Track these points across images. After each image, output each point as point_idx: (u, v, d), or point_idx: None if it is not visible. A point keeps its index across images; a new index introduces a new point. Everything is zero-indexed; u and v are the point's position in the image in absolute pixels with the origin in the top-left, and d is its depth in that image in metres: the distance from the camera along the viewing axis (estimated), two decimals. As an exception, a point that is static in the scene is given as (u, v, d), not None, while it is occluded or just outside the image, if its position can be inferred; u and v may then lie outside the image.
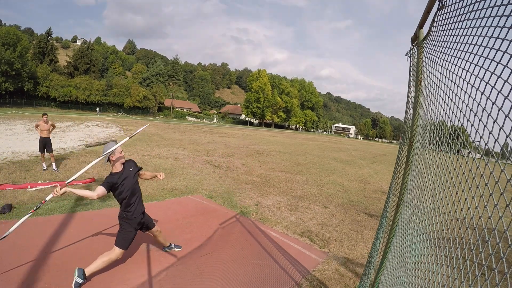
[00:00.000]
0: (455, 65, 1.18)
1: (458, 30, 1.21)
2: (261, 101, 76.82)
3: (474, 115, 0.95)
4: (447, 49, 1.33)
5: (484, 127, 0.88)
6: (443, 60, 1.39)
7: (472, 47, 1.03)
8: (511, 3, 0.83)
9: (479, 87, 0.94)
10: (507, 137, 0.75)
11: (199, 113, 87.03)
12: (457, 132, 1.22)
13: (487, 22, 0.93)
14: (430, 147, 1.67)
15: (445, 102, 1.31)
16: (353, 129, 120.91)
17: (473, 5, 1.07)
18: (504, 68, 0.80)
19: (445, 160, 1.32)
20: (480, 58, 0.96)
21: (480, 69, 0.95)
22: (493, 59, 0.86)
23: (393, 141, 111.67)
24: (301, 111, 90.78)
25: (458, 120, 1.10)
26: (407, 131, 2.42)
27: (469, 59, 1.04)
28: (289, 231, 5.15)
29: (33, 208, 3.02)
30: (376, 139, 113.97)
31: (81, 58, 55.53)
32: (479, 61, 0.96)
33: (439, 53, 1.49)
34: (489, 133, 0.85)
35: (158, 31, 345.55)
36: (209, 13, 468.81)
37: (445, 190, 1.26)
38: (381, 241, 2.77)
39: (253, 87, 77.72)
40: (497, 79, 0.83)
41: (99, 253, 3.57)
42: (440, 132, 1.46)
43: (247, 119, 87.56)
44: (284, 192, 8.16)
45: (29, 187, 5.86)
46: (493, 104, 0.84)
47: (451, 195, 1.18)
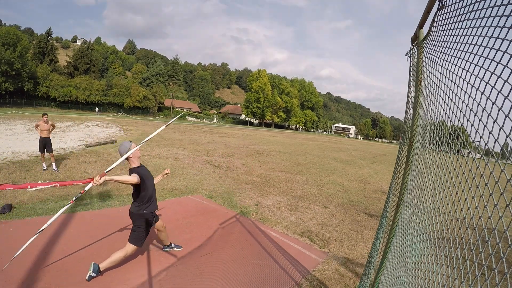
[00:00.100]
0: (455, 65, 1.18)
1: (458, 30, 1.21)
2: (261, 101, 76.81)
3: (474, 115, 0.95)
4: (447, 49, 1.33)
5: (484, 127, 0.88)
6: (443, 60, 1.39)
7: (472, 47, 1.04)
8: (511, 3, 0.83)
9: (479, 87, 0.94)
10: (507, 137, 0.75)
11: (199, 113, 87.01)
12: (457, 132, 1.22)
13: (487, 22, 0.93)
14: (430, 147, 1.67)
15: (445, 102, 1.31)
16: (353, 129, 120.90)
17: (473, 5, 1.07)
18: (504, 68, 0.80)
19: (445, 160, 1.32)
20: (480, 58, 0.96)
21: (480, 69, 0.95)
22: (493, 59, 0.86)
23: (393, 141, 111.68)
24: (301, 111, 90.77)
25: (458, 120, 1.10)
26: (407, 131, 2.42)
27: (469, 59, 1.04)
28: (289, 231, 5.15)
29: (72, 199, 3.10)
30: (376, 139, 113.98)
31: (81, 58, 55.56)
32: (479, 61, 0.96)
33: (439, 53, 1.49)
34: (489, 133, 0.85)
35: (158, 31, 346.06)
36: (209, 13, 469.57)
37: (445, 190, 1.26)
38: (381, 241, 2.77)
39: (253, 87, 77.71)
40: (497, 79, 0.83)
41: (99, 253, 3.58)
42: (440, 132, 1.46)
43: (247, 119, 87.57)
44: (284, 192, 8.16)
45: (29, 187, 5.86)
46: (493, 104, 0.84)
47: (451, 195, 1.18)
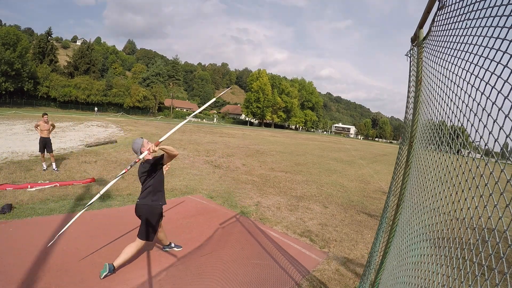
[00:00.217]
0: (455, 65, 1.18)
1: (458, 30, 1.21)
2: (261, 101, 76.81)
3: (474, 115, 0.95)
4: (447, 49, 1.33)
5: (484, 127, 0.88)
6: (443, 60, 1.39)
7: (472, 47, 1.03)
8: (511, 3, 0.83)
9: (479, 87, 0.94)
10: (507, 137, 0.75)
11: (199, 113, 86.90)
12: (457, 132, 1.22)
13: (487, 22, 0.93)
14: (430, 147, 1.67)
15: (445, 102, 1.31)
16: (353, 129, 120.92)
17: (473, 5, 1.07)
18: (504, 68, 0.80)
19: (445, 160, 1.32)
20: (480, 58, 0.96)
21: (480, 69, 0.95)
22: (493, 59, 0.86)
23: (393, 141, 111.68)
24: (301, 111, 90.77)
25: (458, 120, 1.10)
26: (407, 131, 2.42)
27: (469, 59, 1.04)
28: (289, 231, 5.15)
29: (127, 167, 3.19)
30: (376, 139, 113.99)
31: (81, 58, 55.59)
32: (479, 61, 0.96)
33: (439, 53, 1.49)
34: (489, 133, 0.85)
35: (158, 31, 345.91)
36: (209, 13, 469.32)
37: (445, 190, 1.26)
38: (381, 241, 2.77)
39: (253, 87, 77.70)
40: (497, 79, 0.83)
41: (99, 253, 3.58)
42: (440, 132, 1.46)
43: (247, 119, 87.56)
44: (284, 192, 8.16)
45: (29, 187, 5.86)
46: (493, 104, 0.84)
47: (451, 195, 1.18)
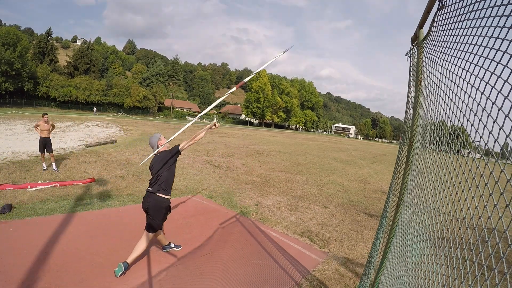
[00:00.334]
0: (455, 65, 1.18)
1: (458, 30, 1.21)
2: (261, 101, 76.80)
3: (474, 115, 0.95)
4: (447, 49, 1.33)
5: (484, 127, 0.88)
6: (443, 60, 1.39)
7: (472, 47, 1.03)
8: (511, 3, 0.83)
9: (479, 87, 0.94)
10: (507, 137, 0.75)
11: (199, 113, 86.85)
12: (457, 132, 1.22)
13: (487, 22, 0.93)
14: (430, 147, 1.67)
15: (445, 102, 1.31)
16: (353, 129, 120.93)
17: (473, 5, 1.07)
18: (504, 68, 0.80)
19: (445, 160, 1.32)
20: (480, 58, 0.96)
21: (480, 69, 0.95)
22: (493, 59, 0.86)
23: (393, 141, 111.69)
24: (301, 111, 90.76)
25: (458, 120, 1.10)
26: (407, 131, 2.42)
27: (469, 59, 1.04)
28: (289, 231, 5.15)
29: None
30: (376, 139, 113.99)
31: (81, 58, 55.58)
32: (479, 61, 0.96)
33: (439, 53, 1.49)
34: (489, 133, 0.85)
35: (158, 31, 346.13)
36: (209, 13, 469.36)
37: (445, 190, 1.26)
38: (381, 241, 2.77)
39: (253, 87, 77.67)
40: (497, 79, 0.83)
41: (99, 253, 3.58)
42: (440, 132, 1.46)
43: (247, 119, 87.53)
44: (284, 192, 8.16)
45: (29, 187, 5.86)
46: (493, 104, 0.84)
47: (451, 195, 1.18)
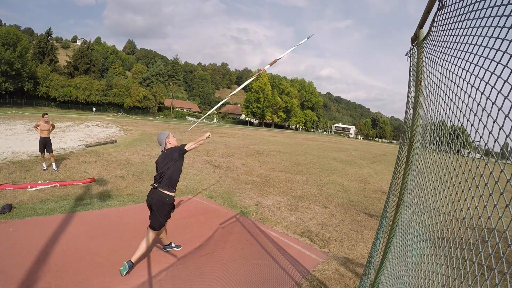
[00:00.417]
0: (455, 65, 1.17)
1: (458, 30, 1.21)
2: (261, 101, 76.77)
3: (474, 115, 0.95)
4: (447, 49, 1.33)
5: (484, 127, 0.88)
6: (443, 60, 1.39)
7: (472, 47, 1.03)
8: (511, 3, 0.83)
9: (479, 87, 0.94)
10: (507, 137, 0.75)
11: (199, 113, 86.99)
12: (457, 132, 1.22)
13: (487, 22, 0.93)
14: (430, 147, 1.67)
15: (445, 102, 1.31)
16: (353, 129, 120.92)
17: (473, 5, 1.07)
18: (504, 68, 0.80)
19: (445, 160, 1.32)
20: (480, 58, 0.96)
21: (480, 69, 0.95)
22: (493, 59, 0.86)
23: (393, 141, 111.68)
24: (301, 111, 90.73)
25: (458, 120, 1.10)
26: (407, 131, 2.42)
27: (469, 59, 1.04)
28: (289, 231, 5.15)
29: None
30: (376, 139, 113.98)
31: (81, 58, 55.57)
32: (479, 61, 0.96)
33: (439, 53, 1.49)
34: (489, 133, 0.85)
35: (158, 31, 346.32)
36: (209, 13, 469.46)
37: (445, 190, 1.26)
38: (381, 241, 2.77)
39: (253, 87, 77.65)
40: (497, 79, 0.83)
41: (99, 253, 3.58)
42: (440, 132, 1.46)
43: (247, 119, 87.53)
44: (284, 192, 8.16)
45: (29, 187, 5.86)
46: (493, 104, 0.84)
47: (451, 195, 1.18)
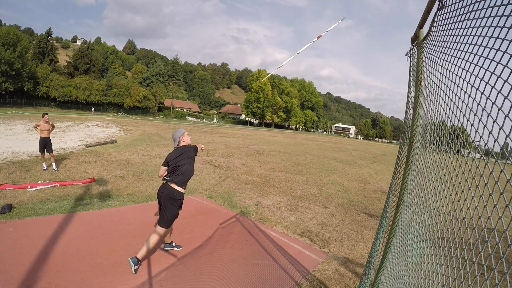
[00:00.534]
0: (455, 65, 1.17)
1: (458, 30, 1.21)
2: (261, 101, 76.80)
3: (474, 115, 0.95)
4: (447, 49, 1.33)
5: (484, 127, 0.88)
6: (443, 60, 1.39)
7: (472, 47, 1.03)
8: (511, 3, 0.83)
9: (479, 87, 0.94)
10: (506, 137, 0.75)
11: (199, 113, 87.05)
12: (457, 132, 1.22)
13: (487, 22, 0.93)
14: (430, 147, 1.67)
15: (445, 102, 1.31)
16: (353, 129, 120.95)
17: (473, 5, 1.07)
18: (504, 68, 0.80)
19: (445, 160, 1.32)
20: (480, 58, 0.96)
21: (480, 69, 0.94)
22: (493, 59, 0.86)
23: (393, 141, 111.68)
24: (301, 111, 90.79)
25: (458, 120, 1.10)
26: (407, 131, 2.42)
27: (469, 59, 1.04)
28: (289, 231, 5.15)
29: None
30: (376, 139, 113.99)
31: (81, 58, 55.59)
32: (479, 61, 0.96)
33: (439, 53, 1.49)
34: (489, 133, 0.85)
35: (158, 31, 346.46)
36: (209, 13, 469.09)
37: (445, 190, 1.26)
38: (381, 241, 2.77)
39: (253, 87, 77.69)
40: (497, 79, 0.83)
41: (99, 253, 3.58)
42: (440, 132, 1.46)
43: (247, 119, 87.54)
44: (284, 192, 8.16)
45: (29, 187, 5.86)
46: (493, 104, 0.84)
47: (451, 195, 1.18)
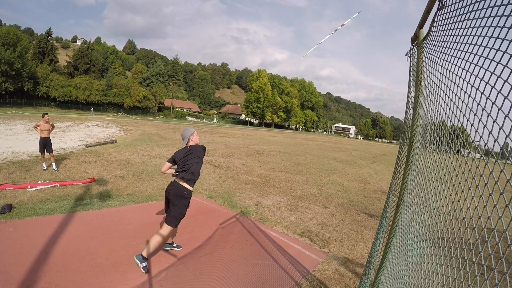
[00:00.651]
0: (455, 65, 1.17)
1: (458, 30, 1.21)
2: (261, 101, 76.80)
3: (474, 115, 0.95)
4: (447, 49, 1.33)
5: (484, 127, 0.88)
6: (443, 60, 1.39)
7: (472, 47, 1.03)
8: (511, 3, 0.83)
9: (479, 87, 0.94)
10: (506, 137, 0.75)
11: (199, 113, 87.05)
12: (457, 132, 1.22)
13: (487, 22, 0.93)
14: (430, 147, 1.67)
15: (445, 102, 1.31)
16: (353, 129, 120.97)
17: (473, 5, 1.07)
18: (504, 68, 0.80)
19: (445, 160, 1.32)
20: (480, 58, 0.96)
21: (480, 69, 0.95)
22: (493, 59, 0.86)
23: (393, 141, 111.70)
24: (301, 111, 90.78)
25: (458, 120, 1.10)
26: (407, 131, 2.42)
27: (469, 59, 1.04)
28: (289, 231, 5.15)
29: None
30: (376, 139, 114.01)
31: (81, 58, 55.59)
32: (479, 61, 0.96)
33: (439, 53, 1.49)
34: (489, 133, 0.85)
35: (158, 31, 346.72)
36: (209, 13, 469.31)
37: (445, 190, 1.26)
38: (381, 241, 2.77)
39: (253, 87, 77.69)
40: (497, 79, 0.83)
41: (99, 253, 3.58)
42: (440, 132, 1.46)
43: (247, 119, 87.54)
44: (284, 192, 8.16)
45: (29, 187, 5.86)
46: (493, 104, 0.84)
47: (451, 195, 1.18)
